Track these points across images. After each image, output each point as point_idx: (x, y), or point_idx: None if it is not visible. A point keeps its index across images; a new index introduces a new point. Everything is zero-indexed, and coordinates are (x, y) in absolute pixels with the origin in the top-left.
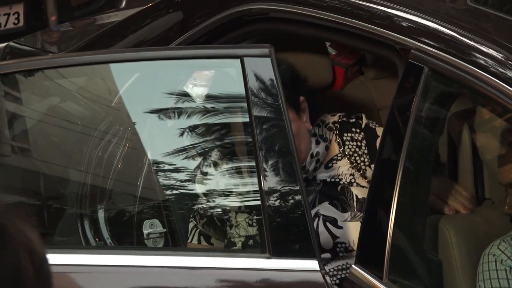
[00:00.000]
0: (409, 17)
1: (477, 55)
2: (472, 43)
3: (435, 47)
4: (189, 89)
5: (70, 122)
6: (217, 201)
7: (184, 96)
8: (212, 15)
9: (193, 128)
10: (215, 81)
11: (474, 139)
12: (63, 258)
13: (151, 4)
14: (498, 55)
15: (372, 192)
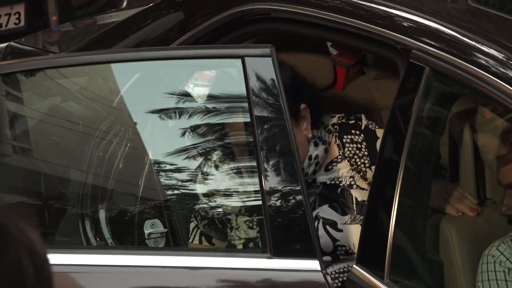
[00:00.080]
0: (410, 17)
1: (478, 55)
2: (473, 43)
3: (436, 47)
4: (190, 89)
5: (71, 122)
6: (218, 201)
7: (185, 96)
8: (213, 15)
9: (194, 128)
10: (216, 81)
11: (475, 139)
12: (64, 258)
13: (152, 4)
14: (499, 55)
15: (373, 192)
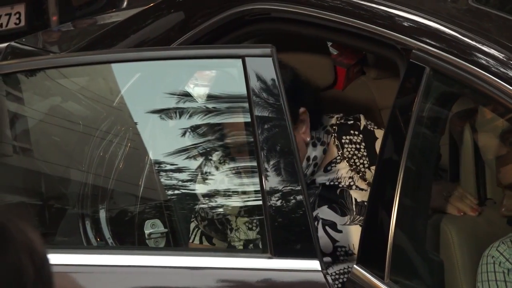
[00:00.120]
0: (411, 17)
1: (479, 55)
2: (474, 43)
3: (437, 47)
4: (190, 89)
5: (72, 122)
6: (219, 201)
7: (186, 96)
8: (213, 15)
9: (195, 128)
10: (216, 81)
11: (476, 139)
12: (64, 258)
13: (152, 4)
14: (500, 55)
15: (374, 192)
